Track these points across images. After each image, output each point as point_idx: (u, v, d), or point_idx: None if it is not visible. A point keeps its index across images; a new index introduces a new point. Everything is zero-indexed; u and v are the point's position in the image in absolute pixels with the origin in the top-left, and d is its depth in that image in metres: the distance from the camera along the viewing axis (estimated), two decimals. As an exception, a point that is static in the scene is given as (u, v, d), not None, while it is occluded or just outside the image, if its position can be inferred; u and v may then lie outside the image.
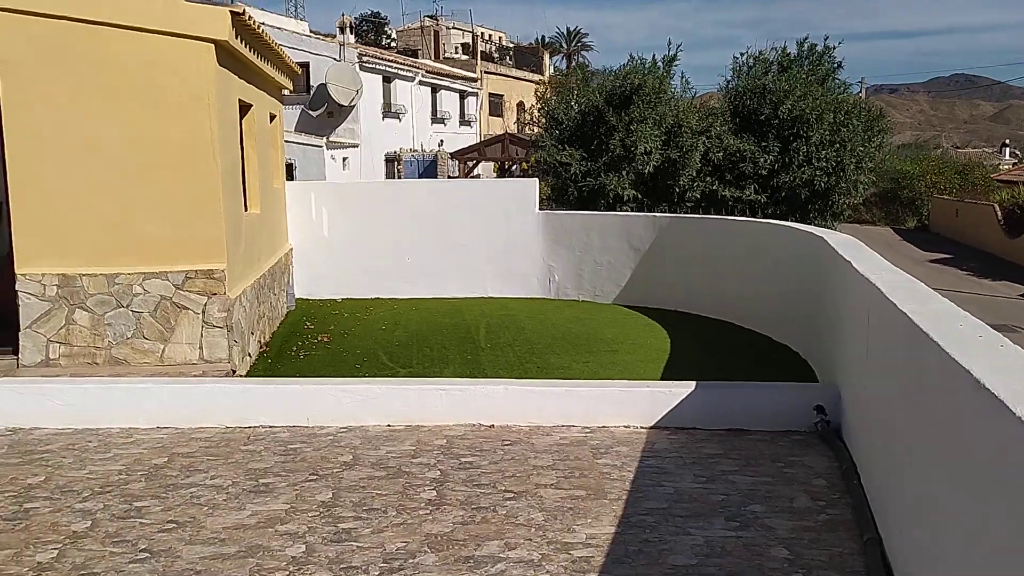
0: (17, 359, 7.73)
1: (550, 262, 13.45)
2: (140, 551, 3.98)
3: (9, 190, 7.67)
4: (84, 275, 7.76)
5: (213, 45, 7.75)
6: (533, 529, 4.25)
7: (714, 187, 16.77)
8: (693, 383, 6.14)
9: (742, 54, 18.36)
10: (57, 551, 3.97)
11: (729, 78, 18.60)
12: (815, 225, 13.16)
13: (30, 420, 5.96)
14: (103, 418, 6.01)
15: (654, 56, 17.87)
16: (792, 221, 12.97)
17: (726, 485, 4.88)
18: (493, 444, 5.61)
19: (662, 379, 8.05)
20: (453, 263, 13.45)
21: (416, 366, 9.02)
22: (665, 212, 15.63)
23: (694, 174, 16.59)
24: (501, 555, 3.97)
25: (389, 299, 13.18)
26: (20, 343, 7.72)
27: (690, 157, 16.27)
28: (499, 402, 6.15)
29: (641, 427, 5.97)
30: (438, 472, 5.05)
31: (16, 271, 7.71)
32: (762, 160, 16.51)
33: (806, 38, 18.23)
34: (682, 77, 17.97)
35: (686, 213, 15.93)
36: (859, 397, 5.24)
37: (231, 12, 7.81)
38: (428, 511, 4.47)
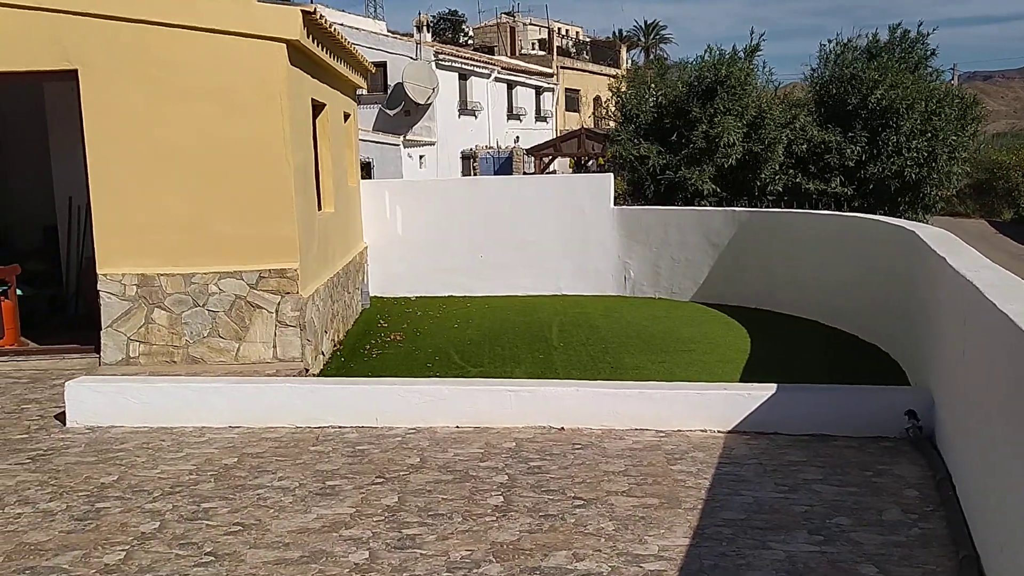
0: (99, 357, 7.91)
1: (625, 259, 13.20)
2: (205, 554, 3.96)
3: (91, 193, 7.84)
4: (162, 275, 7.88)
5: (285, 45, 7.78)
6: (603, 539, 4.08)
7: (797, 180, 16.26)
8: (774, 385, 5.85)
9: (830, 41, 17.73)
10: (124, 553, 3.98)
11: (815, 67, 17.99)
12: (905, 218, 12.56)
13: (108, 418, 6.06)
14: (177, 417, 6.07)
15: (734, 47, 17.40)
16: (880, 214, 12.43)
17: (809, 495, 4.61)
18: (563, 448, 5.45)
19: (741, 380, 7.75)
20: (527, 260, 13.32)
21: (487, 365, 8.92)
22: (745, 206, 15.19)
23: (776, 167, 16.10)
24: (569, 567, 3.81)
25: (462, 297, 13.13)
26: (102, 342, 7.89)
27: (773, 150, 15.79)
28: (570, 404, 5.98)
29: (718, 431, 5.73)
30: (506, 477, 4.92)
31: (97, 271, 7.88)
32: (848, 151, 15.92)
33: (899, 24, 17.50)
34: (764, 67, 17.37)
35: (767, 207, 15.46)
36: (955, 402, 4.90)
37: (302, 11, 7.83)
38: (495, 518, 4.34)
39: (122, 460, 5.30)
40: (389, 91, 28.20)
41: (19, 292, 9.09)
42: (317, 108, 9.73)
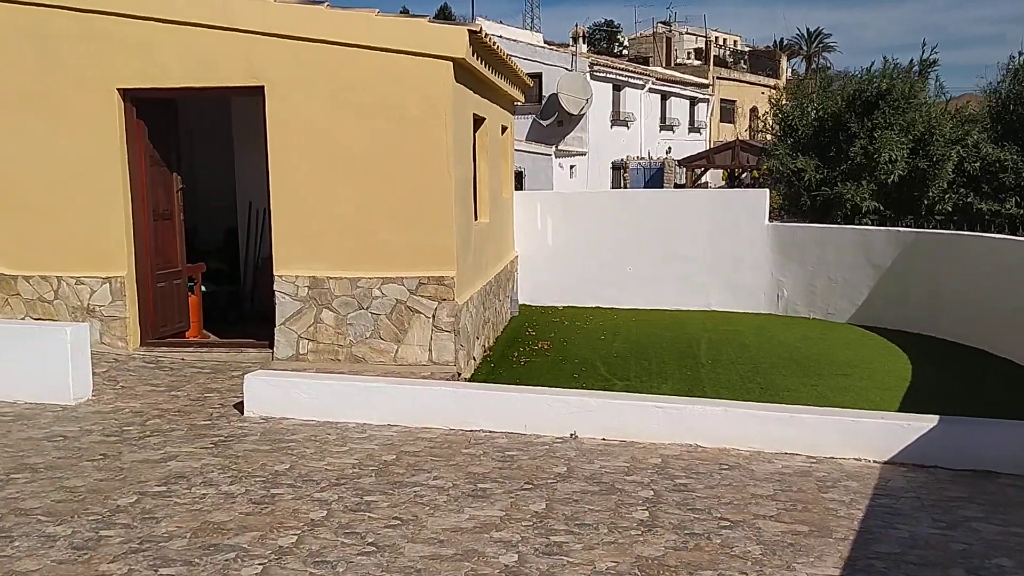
0: (272, 352, 8.51)
1: (779, 276, 12.91)
2: (367, 544, 4.25)
3: (271, 200, 8.45)
4: (331, 278, 8.40)
5: (451, 63, 8.14)
6: (749, 563, 4.09)
7: (968, 200, 15.36)
8: (936, 417, 5.64)
9: (1020, 53, 16.59)
10: (296, 537, 4.32)
11: (993, 80, 16.92)
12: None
13: (280, 410, 6.54)
14: (341, 412, 6.47)
15: (912, 60, 16.62)
16: (1063, 239, 11.59)
17: (969, 533, 4.43)
18: (710, 467, 5.46)
19: (900, 410, 7.47)
20: (675, 274, 13.26)
21: (633, 379, 8.97)
22: (911, 226, 14.51)
23: (945, 185, 15.27)
24: (713, 586, 3.84)
25: (609, 308, 13.22)
26: (275, 338, 8.49)
27: (941, 167, 15.00)
28: (718, 423, 5.97)
29: (874, 461, 5.57)
30: (651, 492, 4.99)
31: (274, 273, 8.49)
32: (1027, 170, 14.90)
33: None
34: (936, 80, 16.47)
35: (935, 227, 14.70)
36: None
37: (469, 30, 8.16)
38: (640, 532, 4.42)
39: (293, 450, 5.72)
40: (544, 102, 28.62)
41: (203, 288, 9.91)
42: (477, 122, 10.09)
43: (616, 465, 5.48)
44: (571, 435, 6.07)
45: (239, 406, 6.70)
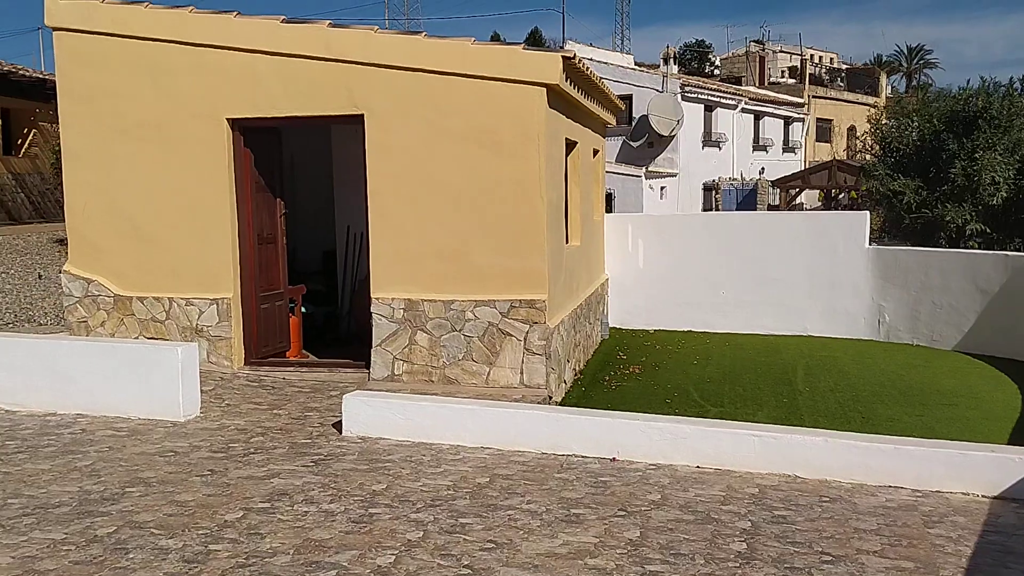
0: (369, 373, 8.71)
1: (880, 301, 12.51)
2: (463, 567, 4.30)
3: (369, 223, 8.68)
4: (426, 300, 8.56)
5: (545, 89, 8.23)
6: (852, 599, 3.97)
7: (1084, 222, 14.61)
8: (1051, 453, 5.38)
9: None
10: (394, 557, 4.41)
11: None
12: None
13: (377, 430, 6.69)
14: (435, 434, 6.58)
15: (1011, 78, 16.01)
16: None
17: (1091, 578, 4.20)
18: (810, 499, 5.33)
19: (1010, 442, 7.14)
20: (770, 298, 13.00)
21: (728, 405, 8.83)
22: (1019, 250, 13.88)
23: (1057, 207, 14.58)
24: (815, 623, 3.75)
25: (701, 332, 13.04)
26: (371, 359, 8.69)
27: (1052, 188, 14.33)
28: (818, 454, 5.83)
29: (983, 496, 5.34)
30: (749, 523, 4.90)
31: (371, 295, 8.70)
32: None
33: None
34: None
35: (1048, 251, 14.02)
36: None
37: (563, 57, 8.25)
38: (737, 564, 4.35)
39: (389, 470, 5.84)
40: (634, 123, 28.55)
41: (303, 309, 10.23)
42: (569, 146, 10.16)
43: (711, 494, 5.41)
44: (612, 458, 6.03)
45: (337, 425, 6.88)
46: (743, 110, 32.44)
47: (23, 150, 22.32)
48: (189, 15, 8.78)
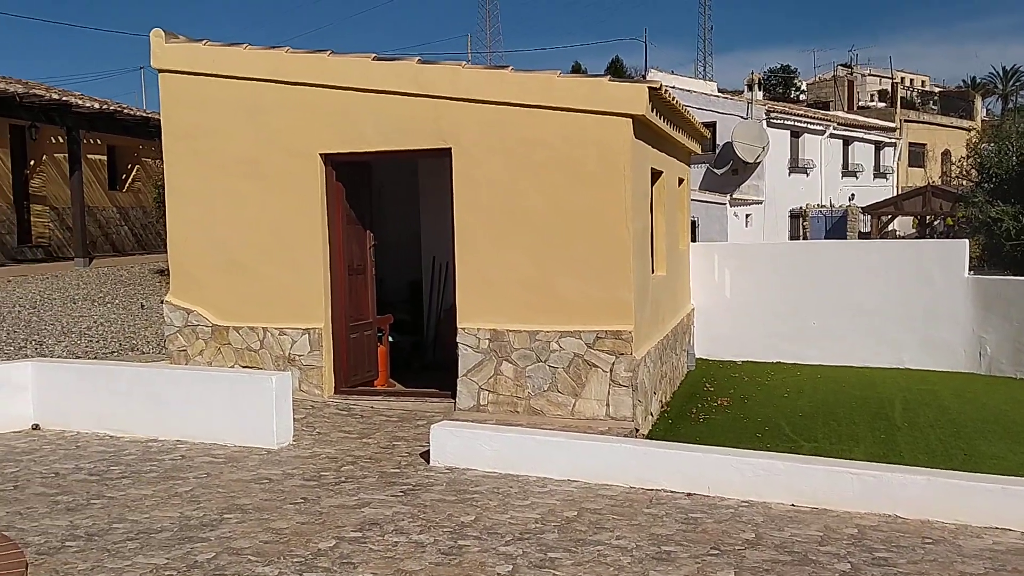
0: (455, 403, 8.78)
1: (981, 333, 12.01)
2: (553, 602, 4.27)
3: (455, 254, 8.80)
4: (511, 330, 8.59)
5: (630, 119, 8.23)
6: (962, 650, 3.79)
7: None
8: None
9: None
10: (484, 590, 4.41)
11: None
12: None
13: (464, 461, 6.72)
14: (522, 466, 6.57)
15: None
16: None
17: None
18: (912, 540, 5.12)
19: None
20: (863, 329, 12.62)
21: (822, 440, 8.57)
22: None
23: None
24: (923, 674, 3.58)
25: (791, 364, 12.73)
26: (457, 388, 8.76)
27: None
28: (919, 493, 5.61)
29: (1103, 543, 5.03)
30: (848, 565, 4.73)
31: (457, 325, 8.79)
32: None
33: None
34: None
35: None
36: None
37: (649, 88, 8.24)
38: (837, 608, 4.20)
39: (477, 502, 5.85)
40: (718, 150, 28.27)
41: (391, 339, 10.40)
42: (655, 175, 10.12)
43: (808, 534, 5.24)
44: (688, 494, 5.88)
45: (425, 455, 6.94)
46: (831, 135, 31.77)
47: (127, 185, 23.42)
48: (285, 55, 9.12)
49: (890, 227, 30.48)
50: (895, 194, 32.76)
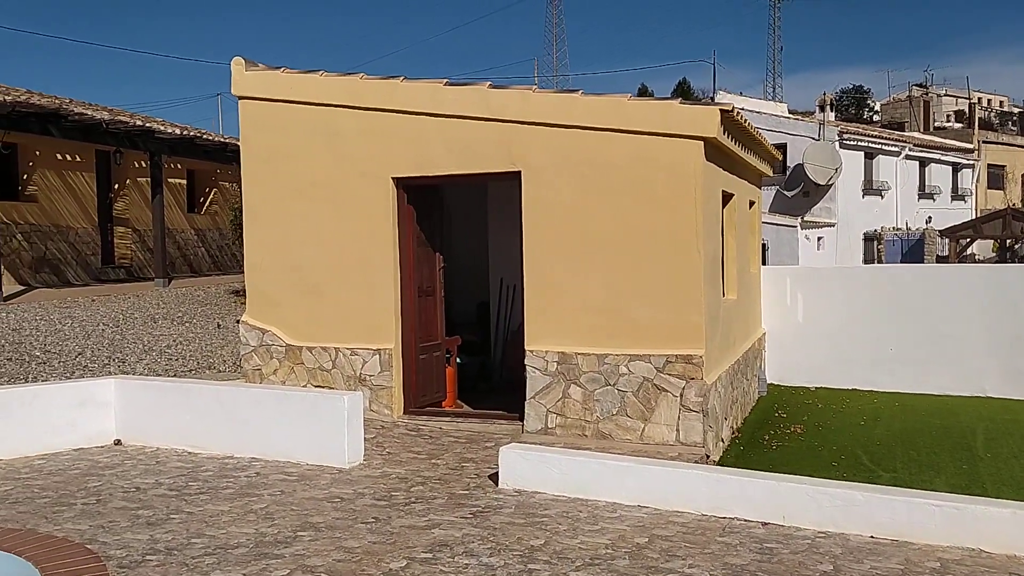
0: (522, 425, 8.78)
1: (1069, 361, 11.51)
2: (625, 629, 4.21)
3: (524, 276, 8.83)
4: (579, 354, 8.57)
5: (702, 142, 8.17)
6: None
7: None
8: None
9: None
10: (555, 615, 4.38)
11: None
12: None
13: (532, 484, 6.70)
14: (591, 490, 6.52)
15: None
16: None
17: None
18: (998, 575, 4.92)
19: None
20: (942, 356, 12.23)
21: (900, 471, 8.31)
22: None
23: None
24: None
25: (867, 391, 12.40)
26: (525, 411, 8.76)
27: None
28: (1006, 527, 5.39)
29: None
30: (932, 601, 4.57)
31: (525, 347, 8.80)
32: None
33: None
34: None
35: None
36: None
37: (721, 110, 8.18)
38: (921, 645, 4.05)
39: (547, 525, 5.83)
40: (788, 172, 27.83)
41: (458, 360, 10.46)
42: (725, 198, 10.01)
43: (888, 567, 5.08)
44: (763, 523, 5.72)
45: (494, 477, 6.95)
46: (907, 157, 31.02)
47: (204, 208, 24.16)
48: (360, 81, 9.32)
49: (969, 251, 29.54)
50: (974, 217, 31.76)
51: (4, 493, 6.44)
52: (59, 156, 18.98)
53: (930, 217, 31.22)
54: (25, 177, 18.47)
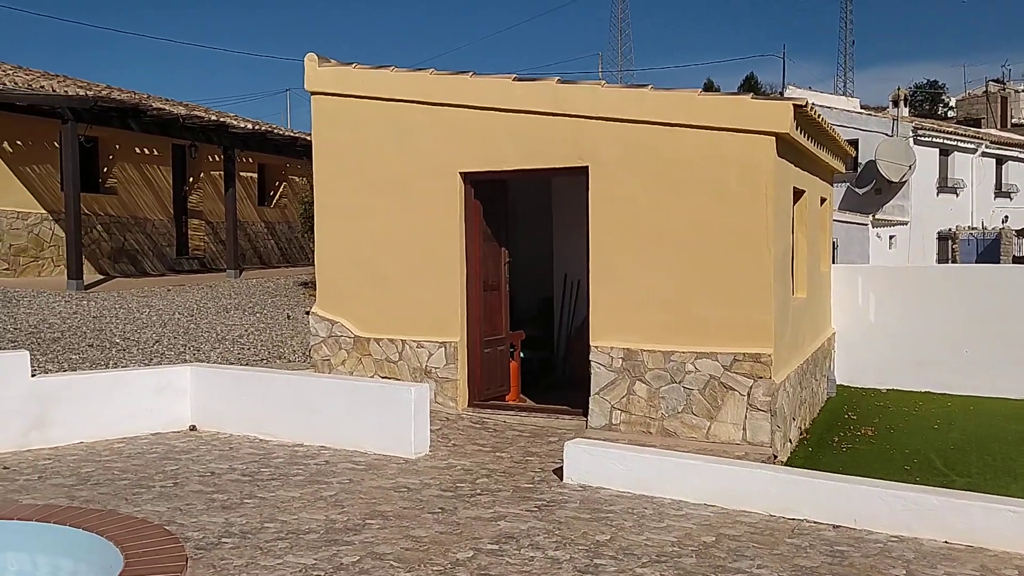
0: (586, 421, 8.78)
1: None
2: (692, 627, 4.20)
3: (590, 271, 8.81)
4: (645, 350, 8.53)
5: (774, 138, 8.05)
6: None
7: None
8: None
9: None
10: (622, 610, 4.38)
11: None
12: None
13: (597, 479, 6.70)
14: (657, 487, 6.49)
15: None
16: None
17: None
18: (1083, 589, 4.76)
19: None
20: (1019, 359, 11.84)
21: (976, 476, 8.09)
22: None
23: None
24: None
25: (940, 394, 12.07)
26: (589, 407, 8.76)
27: None
28: (1090, 537, 5.21)
29: None
30: (1011, 610, 4.44)
31: (590, 343, 8.79)
32: None
33: None
34: None
35: None
36: None
37: (794, 105, 8.05)
38: (1000, 655, 3.95)
39: (612, 521, 5.83)
40: (859, 169, 27.21)
41: (522, 355, 10.50)
42: (796, 195, 9.85)
43: (963, 573, 4.96)
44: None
45: (558, 471, 6.97)
46: (983, 154, 30.05)
47: (275, 201, 24.67)
48: (429, 76, 9.41)
49: (1050, 251, 28.49)
50: (1055, 216, 30.62)
51: (86, 475, 6.69)
52: (137, 150, 19.59)
53: (1007, 216, 30.22)
54: (105, 170, 19.10)
